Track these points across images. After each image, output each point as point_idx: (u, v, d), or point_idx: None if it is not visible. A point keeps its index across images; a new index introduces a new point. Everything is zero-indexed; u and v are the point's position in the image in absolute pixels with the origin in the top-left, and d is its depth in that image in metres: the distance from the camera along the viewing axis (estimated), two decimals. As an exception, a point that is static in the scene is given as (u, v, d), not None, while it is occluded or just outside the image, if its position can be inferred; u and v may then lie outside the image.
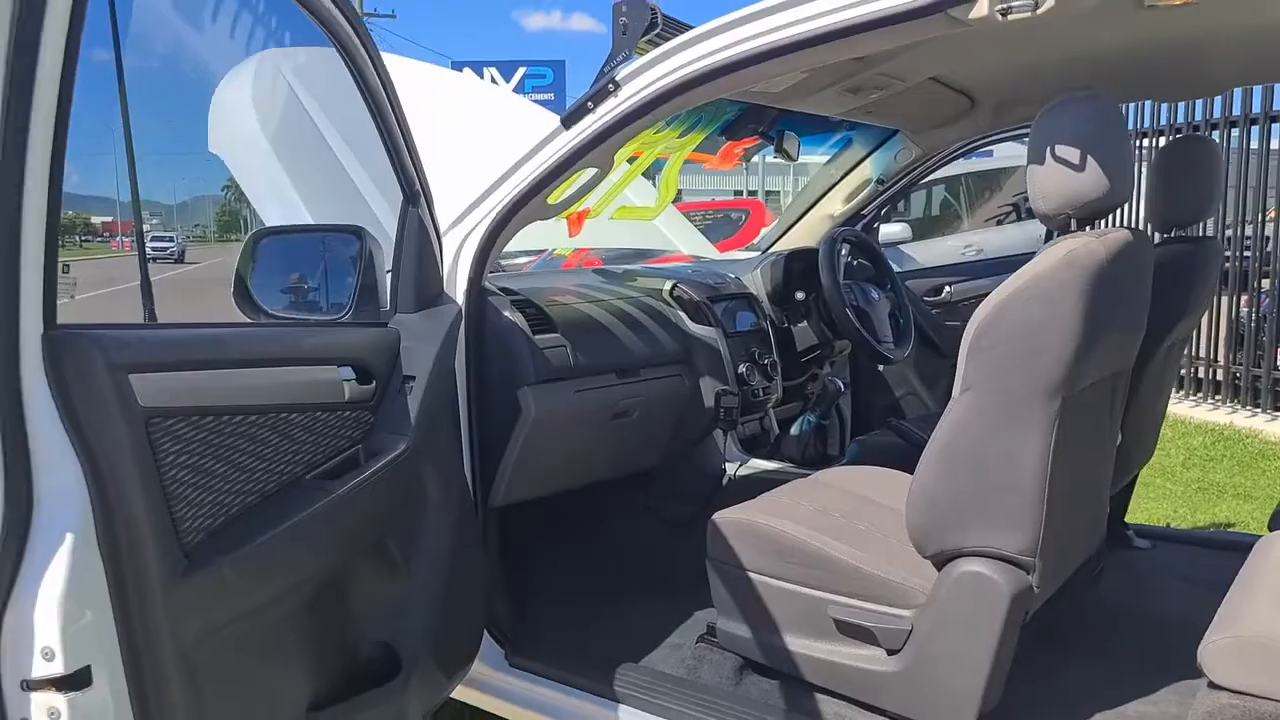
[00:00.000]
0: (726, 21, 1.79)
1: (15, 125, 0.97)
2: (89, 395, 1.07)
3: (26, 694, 1.05)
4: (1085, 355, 1.59)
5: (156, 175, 2.78)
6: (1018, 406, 1.60)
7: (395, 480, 1.63)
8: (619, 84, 1.93)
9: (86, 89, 1.10)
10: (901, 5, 1.59)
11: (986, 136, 3.33)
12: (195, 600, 1.18)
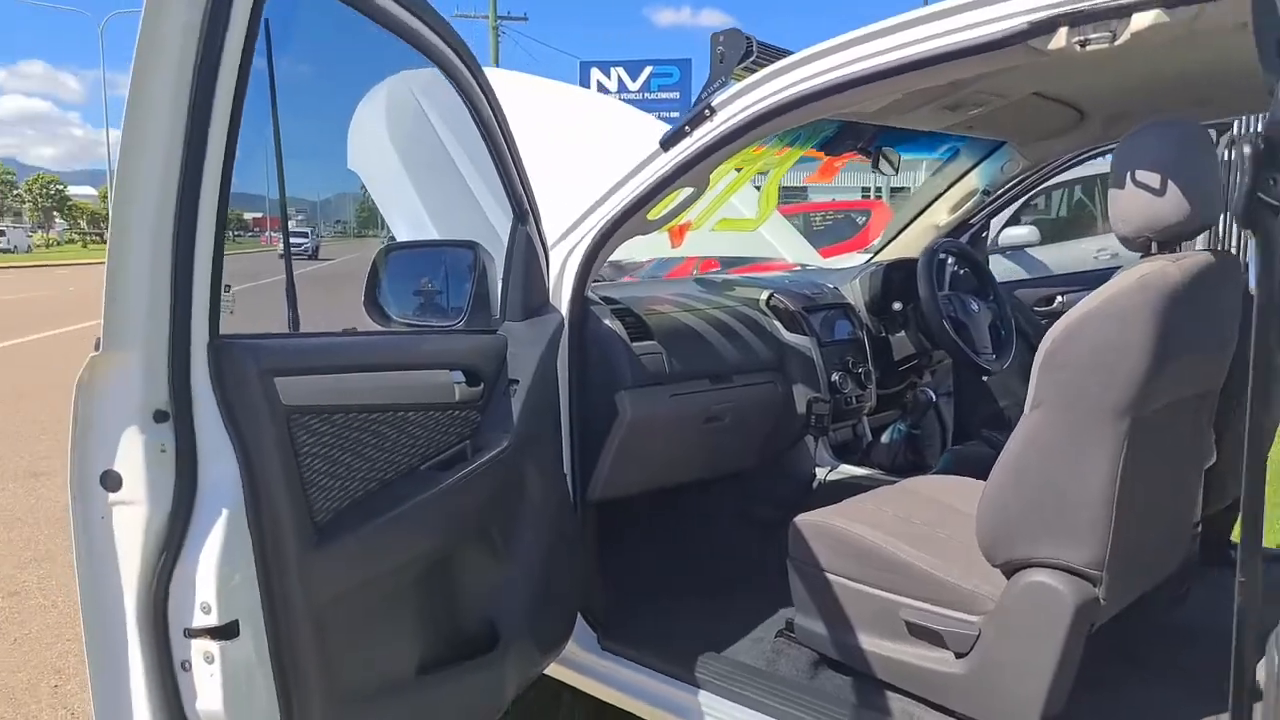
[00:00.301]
0: (813, 52, 1.91)
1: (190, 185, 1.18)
2: (243, 396, 1.29)
3: (188, 640, 1.28)
4: (1157, 376, 1.64)
5: (304, 173, 3.07)
6: (1087, 425, 1.66)
7: (498, 474, 1.82)
8: (714, 109, 2.06)
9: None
10: (980, 37, 1.67)
11: (1099, 147, 3.30)
12: (324, 570, 1.39)
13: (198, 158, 1.19)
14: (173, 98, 1.15)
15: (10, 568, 4.53)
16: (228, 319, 1.36)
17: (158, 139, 1.16)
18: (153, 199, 1.18)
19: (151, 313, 1.20)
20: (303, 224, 5.31)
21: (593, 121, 3.52)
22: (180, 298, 1.23)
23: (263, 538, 1.30)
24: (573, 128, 3.26)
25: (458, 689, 1.73)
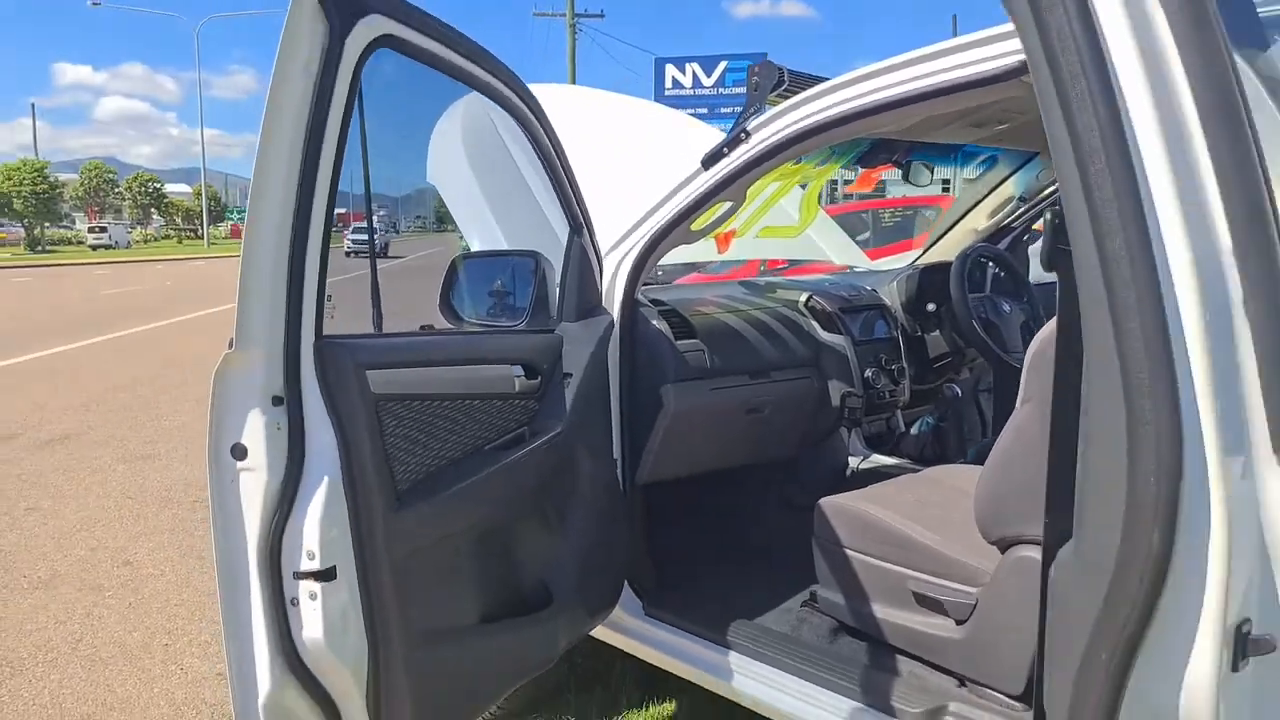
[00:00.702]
0: (836, 83, 2.15)
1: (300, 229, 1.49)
2: (340, 385, 1.60)
3: (296, 581, 1.60)
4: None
5: (389, 171, 3.33)
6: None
7: (552, 455, 2.11)
8: (750, 133, 2.32)
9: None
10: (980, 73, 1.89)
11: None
12: (403, 528, 1.69)
13: (305, 212, 1.50)
14: (288, 158, 1.46)
15: (123, 540, 5.03)
16: (328, 323, 1.68)
17: (276, 188, 1.48)
18: (271, 240, 1.50)
19: (271, 321, 1.51)
20: (385, 218, 5.72)
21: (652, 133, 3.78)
22: (293, 309, 1.54)
23: (355, 500, 1.61)
24: (634, 140, 3.53)
25: (514, 639, 2.03)
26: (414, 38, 1.64)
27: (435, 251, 2.55)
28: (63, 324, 15.27)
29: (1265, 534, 0.83)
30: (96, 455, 6.78)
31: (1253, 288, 0.79)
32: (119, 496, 5.79)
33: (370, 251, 1.92)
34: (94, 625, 3.99)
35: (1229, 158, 0.81)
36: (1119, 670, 0.86)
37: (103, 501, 5.70)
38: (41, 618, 4.04)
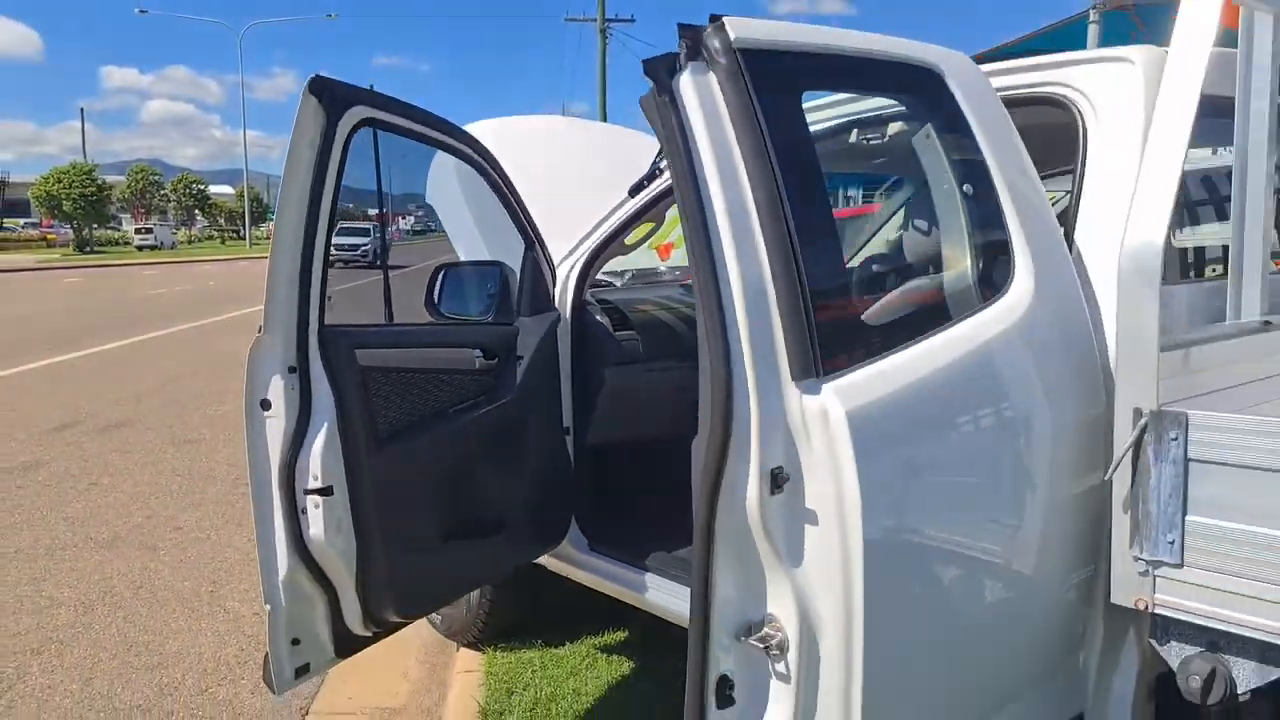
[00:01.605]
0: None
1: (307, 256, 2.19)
2: (337, 359, 2.29)
3: (305, 495, 2.29)
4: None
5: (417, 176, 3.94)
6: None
7: (504, 417, 2.78)
8: (662, 170, 2.99)
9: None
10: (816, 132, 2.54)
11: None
12: (382, 462, 2.38)
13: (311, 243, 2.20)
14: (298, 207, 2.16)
15: (174, 510, 5.81)
16: (330, 314, 2.37)
17: (292, 218, 2.18)
18: (287, 262, 2.20)
19: (288, 314, 2.21)
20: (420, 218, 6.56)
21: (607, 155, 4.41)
22: (303, 306, 2.24)
23: (346, 440, 2.30)
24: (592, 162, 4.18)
25: (470, 553, 2.71)
26: (385, 118, 2.33)
27: (430, 262, 3.25)
28: (114, 322, 16.31)
29: (787, 418, 1.47)
30: (149, 439, 7.61)
31: (777, 285, 1.41)
32: (169, 474, 6.59)
33: (384, 262, 2.62)
34: (150, 576, 4.75)
35: (768, 219, 1.42)
36: (710, 500, 1.49)
37: (155, 478, 6.50)
38: (107, 570, 4.81)
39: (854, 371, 1.47)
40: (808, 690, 1.48)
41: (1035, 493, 1.67)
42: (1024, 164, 1.79)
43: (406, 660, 3.88)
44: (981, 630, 1.64)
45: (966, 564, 1.62)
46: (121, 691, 3.59)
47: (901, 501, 1.50)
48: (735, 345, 1.46)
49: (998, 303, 1.69)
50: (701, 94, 1.46)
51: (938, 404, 1.54)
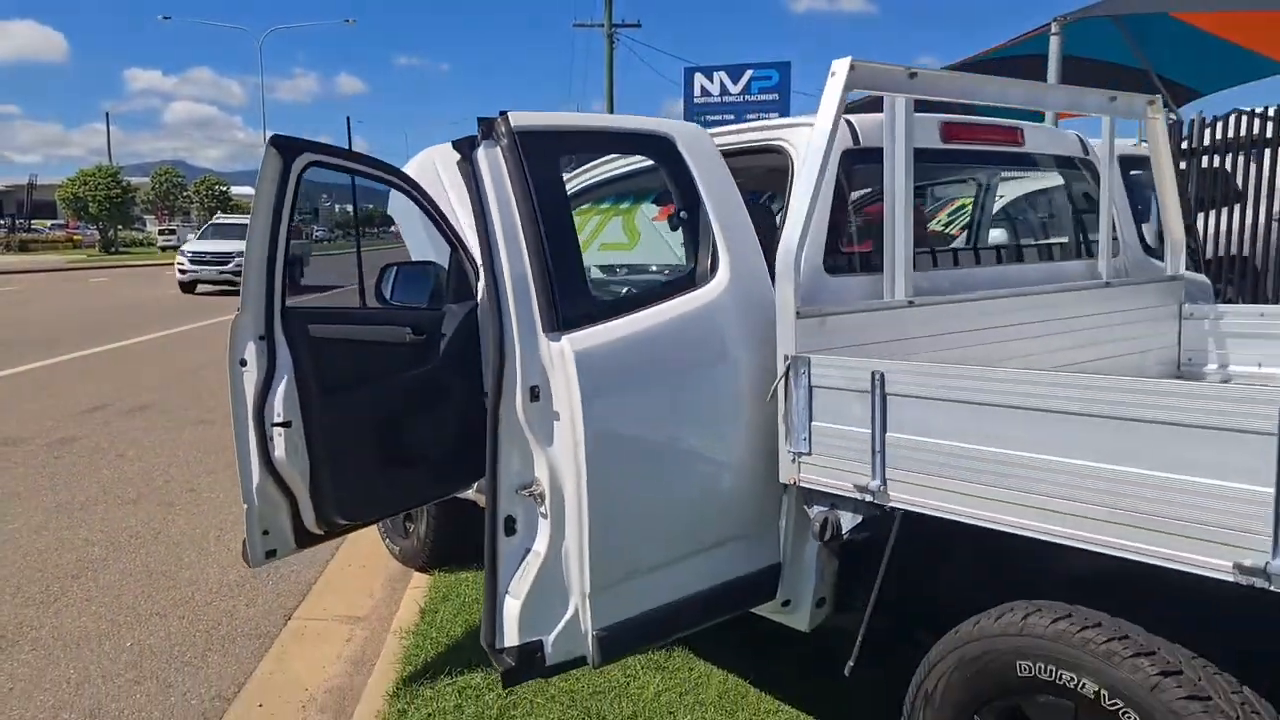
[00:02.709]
0: (587, 167, 3.75)
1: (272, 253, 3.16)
2: (293, 331, 3.26)
3: (271, 428, 3.25)
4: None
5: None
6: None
7: (429, 379, 3.72)
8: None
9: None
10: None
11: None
12: (328, 405, 3.33)
13: (274, 243, 3.17)
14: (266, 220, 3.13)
15: (189, 476, 6.83)
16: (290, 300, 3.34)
17: (259, 235, 3.15)
18: (257, 262, 3.17)
19: (257, 296, 3.18)
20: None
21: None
22: (270, 291, 3.21)
23: (301, 389, 3.26)
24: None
25: (399, 482, 3.66)
26: (327, 159, 3.29)
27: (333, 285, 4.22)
28: (140, 319, 17.46)
29: (540, 356, 2.42)
30: (169, 420, 8.65)
31: (534, 276, 2.35)
32: (187, 448, 7.62)
33: (357, 261, 3.60)
34: (168, 525, 5.75)
35: (530, 237, 2.36)
36: (495, 408, 2.42)
37: (174, 451, 7.53)
38: (131, 520, 5.82)
39: (584, 328, 2.39)
40: (556, 523, 2.40)
41: (723, 406, 2.58)
42: (732, 195, 2.71)
43: (373, 584, 4.85)
44: (683, 496, 2.54)
45: (670, 451, 2.53)
46: (144, 603, 4.58)
47: (613, 408, 2.41)
48: (506, 315, 2.40)
49: (705, 286, 2.60)
50: (490, 160, 2.39)
51: (651, 346, 2.46)
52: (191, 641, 4.17)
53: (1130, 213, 3.80)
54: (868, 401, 2.32)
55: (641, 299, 2.62)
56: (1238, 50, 13.41)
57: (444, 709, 3.34)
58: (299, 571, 4.96)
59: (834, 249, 2.78)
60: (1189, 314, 3.62)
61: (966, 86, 2.88)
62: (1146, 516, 1.84)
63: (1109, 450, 1.89)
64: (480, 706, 3.33)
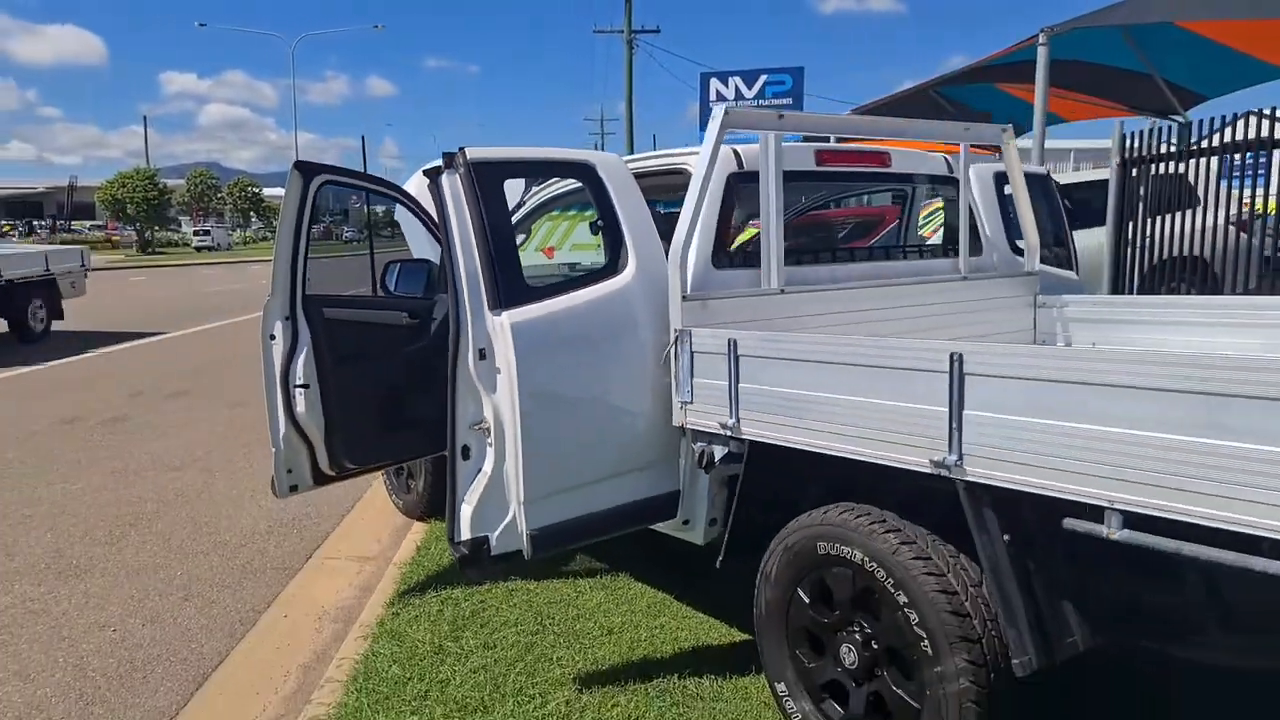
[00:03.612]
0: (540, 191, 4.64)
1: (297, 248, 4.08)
2: (313, 314, 4.17)
3: (294, 388, 4.17)
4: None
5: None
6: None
7: (420, 356, 4.63)
8: (525, 202, 4.84)
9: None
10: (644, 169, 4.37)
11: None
12: (340, 371, 4.24)
13: (296, 243, 4.09)
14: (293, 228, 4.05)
15: (227, 450, 7.80)
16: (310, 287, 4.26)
17: (285, 238, 4.07)
18: (285, 260, 4.09)
19: (284, 285, 4.10)
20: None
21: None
22: (293, 281, 4.13)
23: (317, 359, 4.18)
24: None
25: (395, 438, 4.56)
26: (338, 179, 4.20)
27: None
28: (177, 314, 18.61)
29: (486, 326, 3.25)
30: (204, 403, 9.67)
31: (483, 269, 3.20)
32: (223, 428, 8.61)
33: (369, 255, 4.51)
34: (209, 487, 6.73)
35: (479, 241, 3.21)
36: (453, 365, 3.31)
37: (212, 429, 8.52)
38: (178, 483, 6.80)
39: (520, 307, 3.26)
40: (498, 451, 3.27)
41: (630, 365, 3.42)
42: (641, 207, 3.56)
43: (381, 532, 5.77)
44: (597, 433, 3.38)
45: (587, 398, 3.38)
46: (190, 545, 5.54)
47: (541, 365, 3.26)
48: (461, 297, 3.28)
49: (618, 275, 3.47)
50: (451, 184, 3.27)
51: (572, 320, 3.32)
52: (230, 572, 5.11)
53: (1001, 220, 4.63)
54: (727, 361, 3.19)
55: (567, 285, 3.51)
56: (1239, 55, 14.06)
57: (429, 612, 4.24)
58: (319, 524, 5.90)
59: (720, 248, 3.65)
60: (1042, 303, 4.45)
61: (830, 123, 3.74)
62: (888, 433, 2.69)
63: (864, 388, 2.75)
64: (456, 609, 4.23)
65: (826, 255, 4.11)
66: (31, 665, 4.03)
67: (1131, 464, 2.13)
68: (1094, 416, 2.20)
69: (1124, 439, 2.14)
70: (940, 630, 2.59)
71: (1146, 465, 2.10)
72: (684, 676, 3.54)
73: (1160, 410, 2.07)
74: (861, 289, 3.93)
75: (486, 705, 3.39)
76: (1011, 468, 2.39)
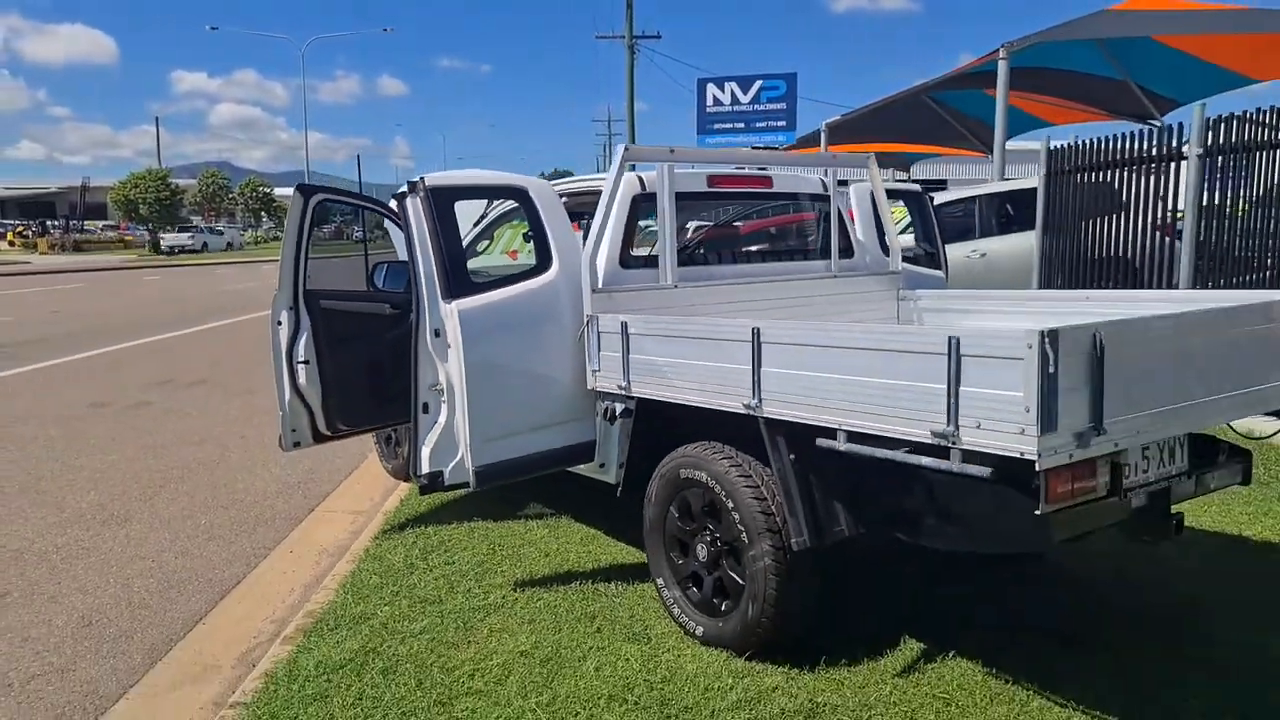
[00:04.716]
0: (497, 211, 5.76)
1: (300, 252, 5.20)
2: (313, 305, 5.28)
3: (296, 364, 5.28)
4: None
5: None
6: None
7: (401, 340, 5.73)
8: (487, 214, 5.95)
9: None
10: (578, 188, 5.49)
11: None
12: (335, 350, 5.34)
13: (299, 248, 5.22)
14: (295, 236, 5.17)
15: (240, 428, 8.94)
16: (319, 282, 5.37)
17: (290, 243, 5.19)
18: (290, 262, 5.21)
19: (288, 282, 5.21)
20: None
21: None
22: (298, 280, 5.25)
23: (316, 341, 5.29)
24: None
25: (382, 406, 5.66)
26: (333, 198, 5.30)
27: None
28: (191, 313, 19.84)
29: (440, 311, 4.31)
30: (221, 391, 10.83)
31: (438, 269, 4.31)
32: (237, 411, 9.76)
33: (364, 255, 5.63)
34: (225, 458, 7.87)
35: (434, 248, 4.28)
36: (415, 342, 4.39)
37: (228, 413, 9.68)
38: (199, 454, 7.95)
39: (466, 297, 4.35)
40: (450, 407, 4.36)
41: (554, 342, 4.52)
42: (564, 221, 4.64)
43: (374, 492, 6.89)
44: (527, 394, 4.47)
45: (519, 368, 4.47)
46: (211, 502, 6.68)
47: (482, 342, 4.35)
48: (421, 290, 4.37)
49: (545, 274, 4.57)
50: (413, 204, 4.36)
51: (507, 308, 4.41)
52: (245, 522, 6.24)
53: (875, 226, 5.71)
54: (621, 338, 4.30)
55: (504, 280, 4.61)
56: (1207, 65, 15.13)
57: (405, 543, 5.36)
58: (320, 486, 7.03)
59: (626, 252, 4.75)
60: (904, 296, 5.54)
61: (713, 155, 4.84)
62: (719, 387, 3.79)
63: (704, 355, 3.85)
64: (427, 541, 5.35)
65: (723, 256, 5.22)
66: (88, 585, 5.16)
67: (850, 398, 3.22)
68: (831, 368, 3.29)
69: (845, 381, 3.23)
70: (754, 525, 3.68)
71: (856, 398, 3.20)
72: (598, 582, 4.65)
73: (864, 362, 3.17)
74: (745, 284, 5.03)
75: (441, 599, 4.51)
76: (789, 406, 3.48)
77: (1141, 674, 3.58)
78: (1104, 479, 2.94)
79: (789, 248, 5.82)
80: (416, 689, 3.63)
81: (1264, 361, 3.38)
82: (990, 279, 10.89)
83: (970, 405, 2.82)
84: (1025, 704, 3.41)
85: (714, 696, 3.49)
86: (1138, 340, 2.91)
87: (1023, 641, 3.86)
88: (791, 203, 5.69)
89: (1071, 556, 4.75)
